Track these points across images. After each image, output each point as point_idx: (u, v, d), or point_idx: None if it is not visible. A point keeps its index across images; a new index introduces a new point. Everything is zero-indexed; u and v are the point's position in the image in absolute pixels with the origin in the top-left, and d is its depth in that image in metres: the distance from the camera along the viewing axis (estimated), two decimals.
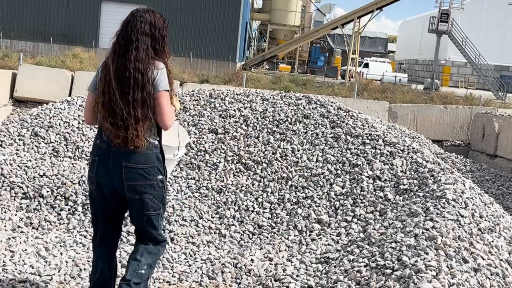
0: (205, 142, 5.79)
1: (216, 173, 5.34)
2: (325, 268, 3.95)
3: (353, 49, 29.18)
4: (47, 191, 4.89)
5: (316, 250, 4.30)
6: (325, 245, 4.35)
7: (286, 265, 4.08)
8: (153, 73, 2.86)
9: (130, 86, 2.83)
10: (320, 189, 5.01)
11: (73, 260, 3.94)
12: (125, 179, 2.90)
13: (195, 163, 5.51)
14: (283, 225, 4.68)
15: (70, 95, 11.53)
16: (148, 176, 2.92)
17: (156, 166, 2.94)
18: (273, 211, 4.84)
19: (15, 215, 4.65)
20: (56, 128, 6.15)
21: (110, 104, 2.85)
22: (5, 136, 6.04)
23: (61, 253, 4.06)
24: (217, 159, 5.54)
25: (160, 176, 2.96)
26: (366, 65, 36.69)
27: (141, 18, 2.91)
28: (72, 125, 6.23)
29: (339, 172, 5.16)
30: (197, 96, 6.82)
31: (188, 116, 6.45)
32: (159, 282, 3.78)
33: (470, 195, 4.32)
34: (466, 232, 3.73)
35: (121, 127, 2.84)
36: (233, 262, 4.07)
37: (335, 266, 3.86)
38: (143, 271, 2.98)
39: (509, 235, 3.95)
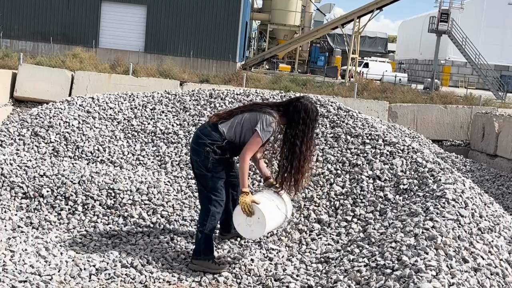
0: None
1: None
2: (325, 267, 3.95)
3: (353, 49, 29.15)
4: (47, 191, 4.89)
5: (316, 250, 4.30)
6: (325, 244, 4.35)
7: (286, 265, 4.08)
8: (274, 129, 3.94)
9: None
10: (320, 189, 5.00)
11: (73, 260, 3.94)
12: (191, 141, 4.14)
13: None
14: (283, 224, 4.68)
15: (70, 95, 11.53)
16: (200, 145, 3.95)
17: (207, 143, 3.91)
18: None
19: (15, 215, 4.65)
20: (56, 128, 6.16)
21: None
22: (5, 136, 6.04)
23: (61, 253, 4.06)
24: None
25: (208, 148, 3.90)
26: (366, 65, 36.63)
27: (301, 105, 3.92)
28: (72, 125, 6.23)
29: (339, 172, 5.15)
30: (197, 96, 6.82)
31: (188, 116, 6.45)
32: (159, 282, 3.78)
33: (470, 195, 4.32)
34: (466, 232, 3.73)
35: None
36: (233, 262, 4.08)
37: (335, 266, 3.86)
38: (199, 225, 4.02)
39: (509, 234, 3.95)
